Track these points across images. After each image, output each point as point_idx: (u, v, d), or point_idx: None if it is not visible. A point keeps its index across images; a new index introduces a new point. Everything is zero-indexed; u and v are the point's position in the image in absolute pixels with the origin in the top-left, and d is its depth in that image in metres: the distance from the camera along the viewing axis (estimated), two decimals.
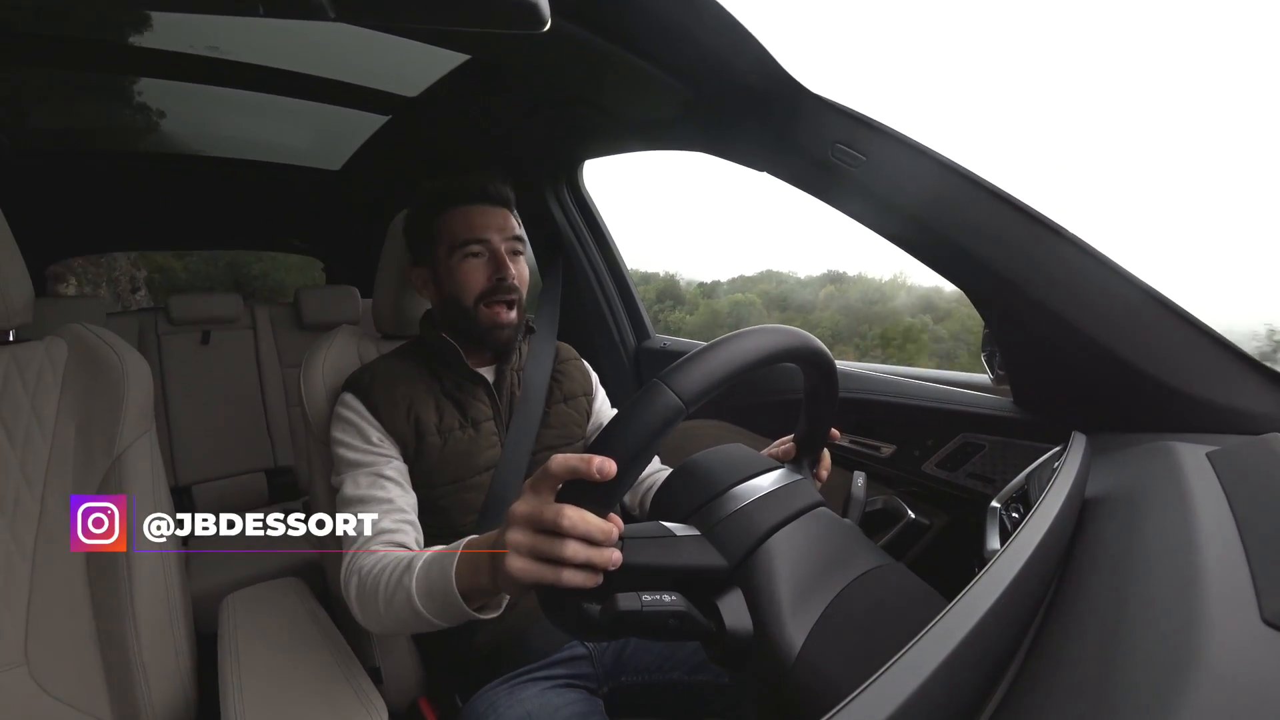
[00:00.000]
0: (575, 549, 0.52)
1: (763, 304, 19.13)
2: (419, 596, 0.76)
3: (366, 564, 0.86)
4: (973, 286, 0.99)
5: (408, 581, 0.77)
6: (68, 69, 1.47)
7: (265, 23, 1.28)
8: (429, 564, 0.77)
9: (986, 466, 1.08)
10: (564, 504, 0.52)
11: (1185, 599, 0.43)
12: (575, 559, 0.52)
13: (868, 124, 0.96)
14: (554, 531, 0.52)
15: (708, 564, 0.58)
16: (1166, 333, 0.85)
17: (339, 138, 2.06)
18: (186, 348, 2.38)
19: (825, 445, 0.81)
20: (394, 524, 0.92)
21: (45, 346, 1.00)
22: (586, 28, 0.95)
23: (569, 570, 0.53)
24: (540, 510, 0.53)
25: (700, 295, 17.55)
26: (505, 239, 1.04)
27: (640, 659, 1.02)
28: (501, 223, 1.05)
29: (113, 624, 0.94)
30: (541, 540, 0.53)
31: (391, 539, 0.91)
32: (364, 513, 0.93)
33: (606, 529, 0.52)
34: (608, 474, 0.50)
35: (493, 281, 1.03)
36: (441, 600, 0.73)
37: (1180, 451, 0.73)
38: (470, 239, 1.02)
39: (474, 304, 1.03)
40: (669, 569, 0.57)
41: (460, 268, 1.03)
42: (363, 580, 0.85)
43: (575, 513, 0.51)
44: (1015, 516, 0.72)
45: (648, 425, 0.51)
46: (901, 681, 0.33)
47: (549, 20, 0.41)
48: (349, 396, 1.02)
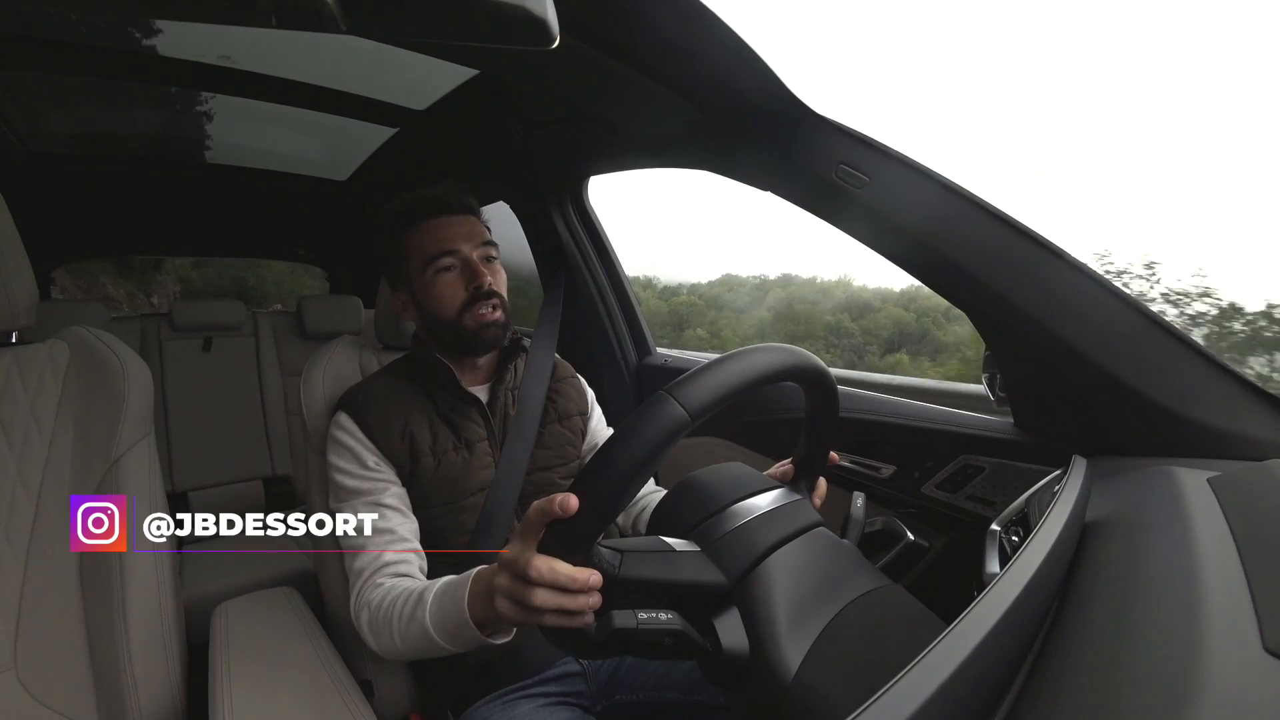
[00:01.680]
0: (544, 597, 0.55)
1: (704, 305, 19.63)
2: (434, 629, 0.79)
3: (374, 598, 0.89)
4: (974, 308, 0.99)
5: (421, 615, 0.81)
6: (82, 74, 1.48)
7: (276, 34, 1.30)
8: (440, 596, 0.80)
9: (987, 489, 1.08)
10: (537, 554, 0.55)
11: (1186, 625, 0.43)
12: (545, 606, 0.55)
13: (871, 145, 0.97)
14: (525, 579, 0.55)
15: (707, 580, 0.58)
16: (1168, 357, 0.85)
17: (347, 149, 2.08)
18: (188, 354, 2.38)
19: (823, 470, 0.81)
20: (397, 555, 0.94)
21: (47, 349, 1.00)
22: (594, 45, 0.95)
23: (550, 614, 0.55)
24: (517, 558, 0.56)
25: (658, 298, 17.76)
26: (476, 246, 1.04)
27: (635, 677, 1.00)
28: (469, 231, 1.04)
29: (103, 630, 0.93)
30: (519, 587, 0.56)
31: (396, 570, 0.93)
32: (368, 545, 0.95)
33: (577, 578, 0.54)
34: (569, 509, 0.52)
35: (471, 291, 1.02)
36: (456, 630, 0.77)
37: (1181, 476, 0.73)
38: (440, 252, 1.02)
39: (457, 316, 1.02)
40: (668, 583, 0.57)
41: (436, 283, 1.02)
42: (373, 614, 0.88)
43: (543, 563, 0.54)
44: (1015, 540, 0.72)
45: (653, 435, 0.51)
46: (899, 705, 0.33)
47: (558, 37, 0.41)
48: (343, 418, 1.02)
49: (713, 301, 20.98)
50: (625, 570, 0.55)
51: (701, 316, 18.81)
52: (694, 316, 18.84)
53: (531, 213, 1.91)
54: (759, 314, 20.07)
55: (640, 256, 22.09)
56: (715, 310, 20.21)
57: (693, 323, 18.68)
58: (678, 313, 17.26)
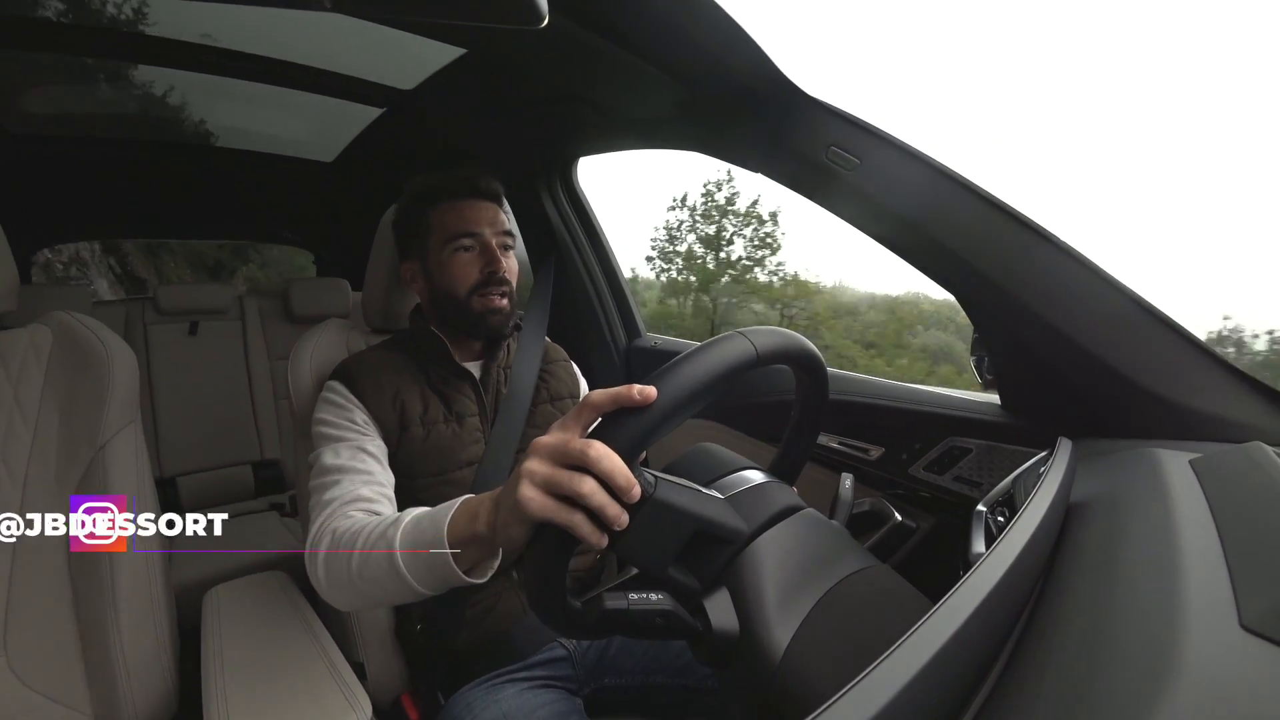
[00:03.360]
0: (593, 488, 0.49)
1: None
2: (403, 550, 0.70)
3: (341, 525, 0.80)
4: (962, 291, 0.99)
5: (392, 534, 0.72)
6: (60, 53, 1.45)
7: (260, 12, 1.28)
8: (418, 518, 0.72)
9: (973, 470, 1.09)
10: (593, 439, 0.50)
11: (1166, 604, 0.43)
12: (592, 499, 0.49)
13: (862, 127, 0.97)
14: (577, 466, 0.49)
15: (731, 524, 0.58)
16: (1153, 340, 0.86)
17: (333, 129, 2.04)
18: (174, 338, 2.36)
19: (796, 476, 0.79)
20: (373, 494, 0.89)
21: (29, 334, 0.99)
22: (583, 25, 0.94)
23: (580, 515, 0.50)
24: (567, 441, 0.50)
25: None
26: (496, 233, 1.06)
27: (623, 660, 1.01)
28: (492, 217, 1.06)
29: (94, 616, 0.93)
30: (561, 474, 0.50)
31: (370, 507, 0.87)
32: (343, 480, 0.89)
33: (629, 477, 0.49)
34: (649, 396, 0.48)
35: (484, 274, 1.03)
36: (427, 557, 0.68)
37: (1164, 458, 0.74)
38: (462, 232, 1.03)
39: (466, 296, 1.03)
40: (696, 516, 0.56)
41: (452, 261, 1.03)
42: (335, 541, 0.79)
43: (603, 449, 0.49)
44: (1001, 520, 0.73)
45: (725, 356, 0.53)
46: (886, 683, 0.33)
47: (546, 16, 0.41)
48: (335, 383, 1.02)
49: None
50: (660, 493, 0.54)
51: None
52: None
53: (521, 194, 1.90)
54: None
55: (630, 250, 22.12)
56: (667, 299, 20.52)
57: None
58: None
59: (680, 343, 1.83)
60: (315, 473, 0.93)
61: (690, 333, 10.23)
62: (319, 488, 0.90)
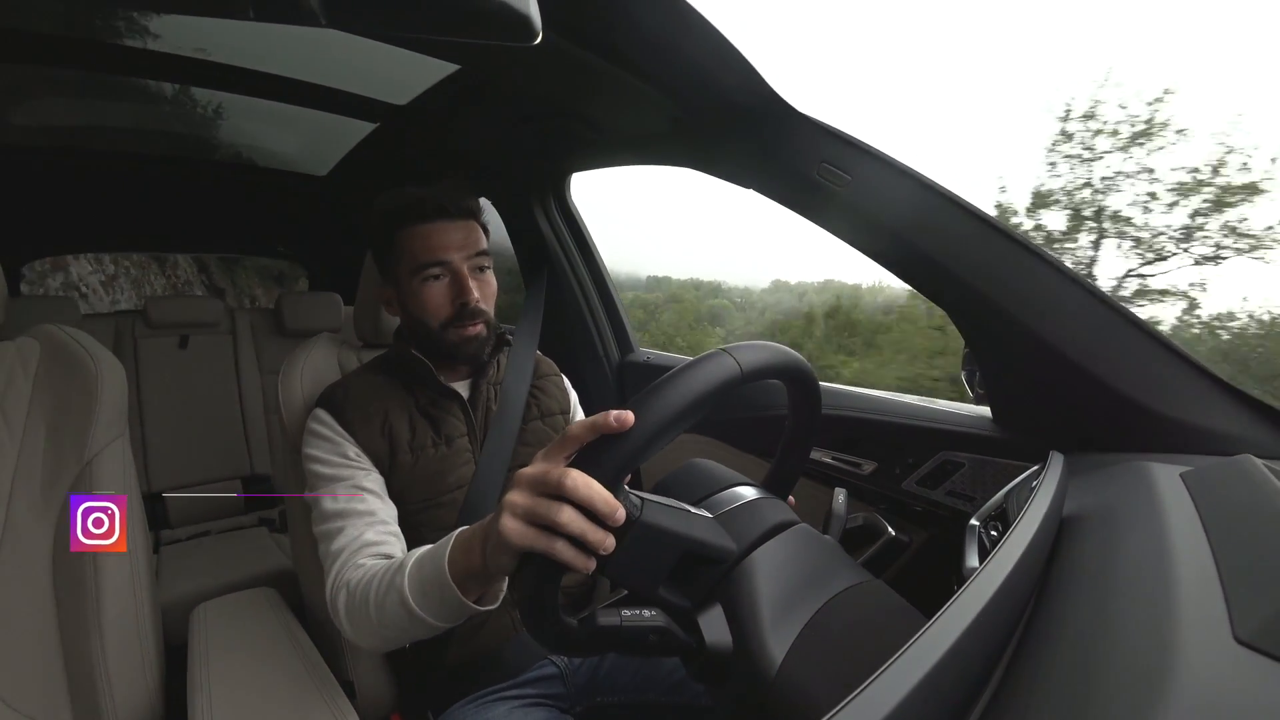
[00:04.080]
0: (571, 516, 0.49)
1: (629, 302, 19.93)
2: (412, 595, 0.73)
3: (354, 577, 0.83)
4: (954, 305, 1.00)
5: (400, 581, 0.74)
6: (51, 66, 1.45)
7: (254, 26, 1.28)
8: (420, 560, 0.75)
9: (966, 484, 1.09)
10: (570, 468, 0.50)
11: (1159, 617, 0.43)
12: (570, 527, 0.49)
13: (853, 144, 0.98)
14: (555, 495, 0.50)
15: (719, 544, 0.58)
16: (1142, 354, 0.87)
17: (326, 144, 2.05)
18: (164, 352, 2.34)
19: (791, 489, 0.79)
20: (379, 536, 0.90)
21: (16, 347, 0.98)
22: (577, 42, 0.95)
23: (562, 542, 0.50)
24: (546, 472, 0.51)
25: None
26: (468, 257, 1.01)
27: (616, 679, 1.00)
28: (463, 239, 1.01)
29: (77, 633, 0.91)
30: (540, 503, 0.51)
31: (378, 550, 0.88)
32: (347, 527, 0.90)
33: (610, 502, 0.50)
34: (625, 423, 0.49)
35: (456, 307, 1.00)
36: (437, 595, 0.71)
37: (1155, 471, 0.74)
38: (430, 261, 0.99)
39: (440, 329, 1.01)
40: (684, 538, 0.56)
41: (422, 291, 1.00)
42: (351, 593, 0.82)
43: (580, 477, 0.49)
44: (994, 534, 0.73)
45: (709, 376, 0.52)
46: (881, 698, 0.33)
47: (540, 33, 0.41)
48: (322, 413, 1.00)
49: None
50: (646, 515, 0.54)
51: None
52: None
53: (513, 209, 1.91)
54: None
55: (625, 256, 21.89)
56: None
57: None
58: (713, 310, 17.64)
59: (673, 357, 1.83)
60: (317, 517, 0.94)
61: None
62: (324, 535, 0.92)
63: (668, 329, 14.64)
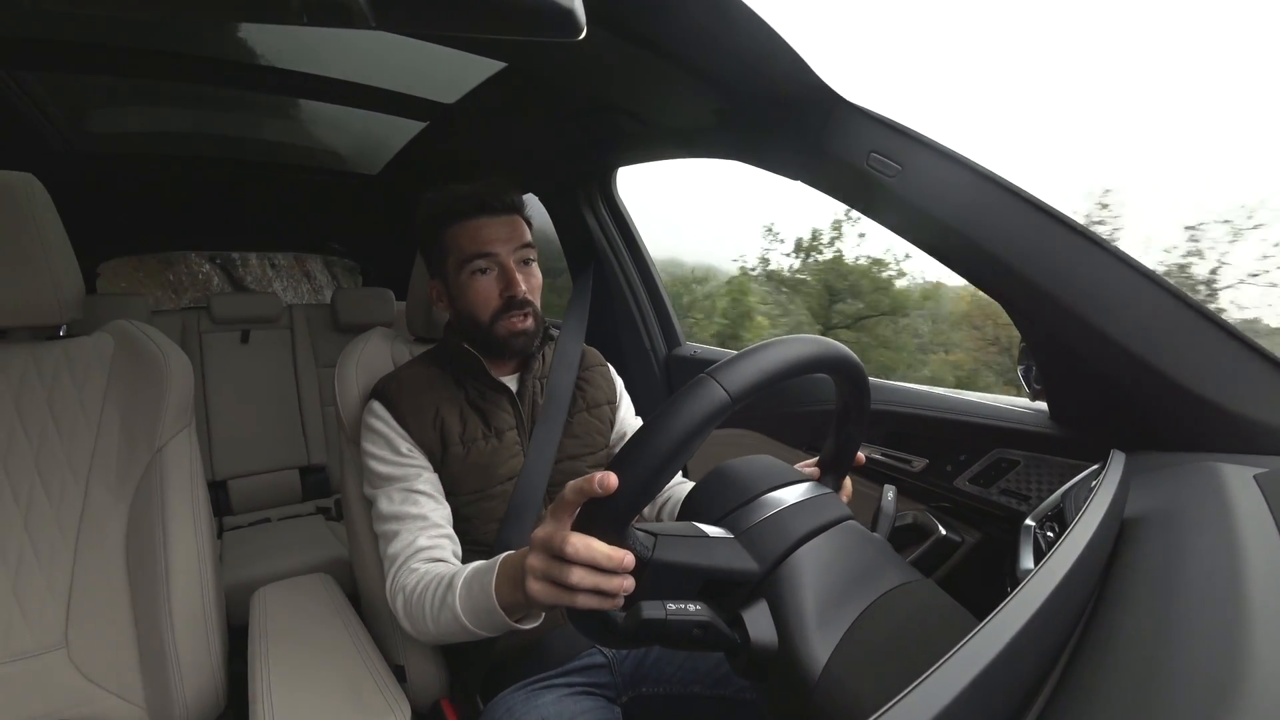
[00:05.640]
0: (581, 575, 0.54)
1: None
2: (464, 614, 0.81)
3: (409, 583, 0.91)
4: (1010, 299, 0.97)
5: (451, 600, 0.83)
6: (122, 75, 1.52)
7: (306, 31, 1.32)
8: (469, 582, 0.82)
9: (1020, 483, 1.06)
10: (572, 532, 0.55)
11: (1229, 626, 0.41)
12: (582, 585, 0.54)
13: (904, 133, 0.95)
14: (561, 558, 0.55)
15: (739, 567, 0.58)
16: (1212, 348, 0.82)
17: (378, 143, 2.10)
18: (227, 346, 2.44)
19: (850, 468, 0.79)
20: (431, 540, 0.95)
21: (93, 341, 1.04)
22: (621, 36, 0.95)
23: (583, 595, 0.55)
24: (552, 536, 0.56)
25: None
26: (514, 250, 1.03)
27: (662, 670, 1.01)
28: (508, 233, 1.03)
29: (149, 613, 0.96)
30: (554, 566, 0.56)
31: (430, 555, 0.94)
32: (402, 531, 0.96)
33: (614, 556, 0.54)
34: (609, 487, 0.52)
35: (504, 299, 1.02)
36: (486, 615, 0.79)
37: (1225, 473, 0.70)
38: (476, 254, 1.01)
39: (490, 322, 1.03)
40: (700, 569, 0.57)
41: (470, 285, 1.03)
42: (408, 599, 0.90)
43: (580, 540, 0.54)
44: (1050, 535, 0.71)
45: (694, 415, 0.51)
46: (928, 702, 0.32)
47: (585, 28, 0.41)
48: (376, 405, 1.04)
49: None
50: (659, 553, 0.55)
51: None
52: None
53: (561, 203, 1.92)
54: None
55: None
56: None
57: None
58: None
59: (718, 351, 1.82)
60: (375, 517, 1.01)
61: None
62: (382, 535, 1.00)
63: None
